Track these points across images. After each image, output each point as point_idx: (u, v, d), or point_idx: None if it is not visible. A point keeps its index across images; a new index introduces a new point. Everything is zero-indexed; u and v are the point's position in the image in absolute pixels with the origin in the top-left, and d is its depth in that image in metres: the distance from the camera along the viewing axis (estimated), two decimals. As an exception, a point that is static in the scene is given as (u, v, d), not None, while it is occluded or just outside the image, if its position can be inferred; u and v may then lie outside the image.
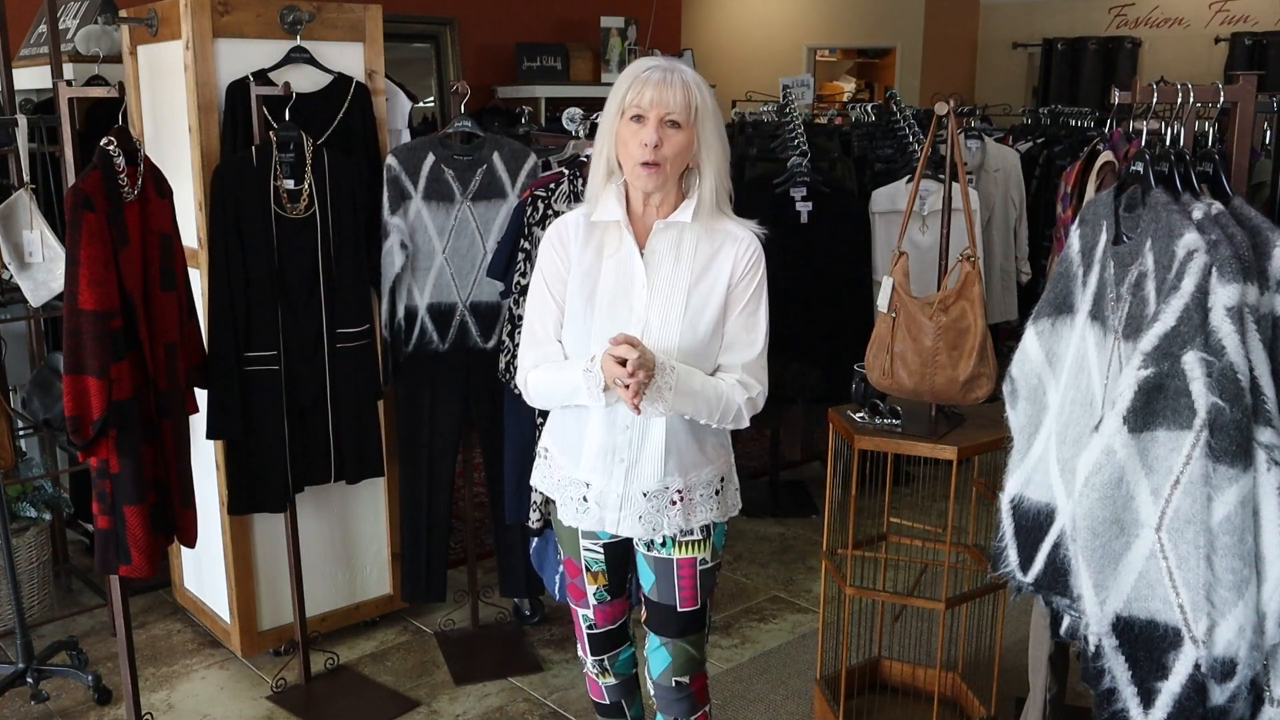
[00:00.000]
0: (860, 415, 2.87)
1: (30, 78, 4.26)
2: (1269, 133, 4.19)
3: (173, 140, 3.20)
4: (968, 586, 3.01)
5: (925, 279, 3.65)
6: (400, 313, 3.26)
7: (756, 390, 2.10)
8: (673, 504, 2.12)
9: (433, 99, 7.58)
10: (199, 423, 2.99)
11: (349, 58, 3.30)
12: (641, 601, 2.32)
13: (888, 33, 9.19)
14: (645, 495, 2.11)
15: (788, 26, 9.55)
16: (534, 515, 3.07)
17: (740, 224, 2.12)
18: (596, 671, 2.40)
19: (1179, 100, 2.10)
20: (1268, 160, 4.18)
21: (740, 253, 2.09)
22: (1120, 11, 8.70)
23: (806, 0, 9.50)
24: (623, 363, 1.92)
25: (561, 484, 2.20)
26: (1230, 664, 1.61)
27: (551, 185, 3.05)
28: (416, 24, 7.28)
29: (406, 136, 3.77)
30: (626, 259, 2.09)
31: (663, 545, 2.18)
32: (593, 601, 2.31)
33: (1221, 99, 2.16)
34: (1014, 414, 2.03)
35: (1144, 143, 2.03)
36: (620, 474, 2.11)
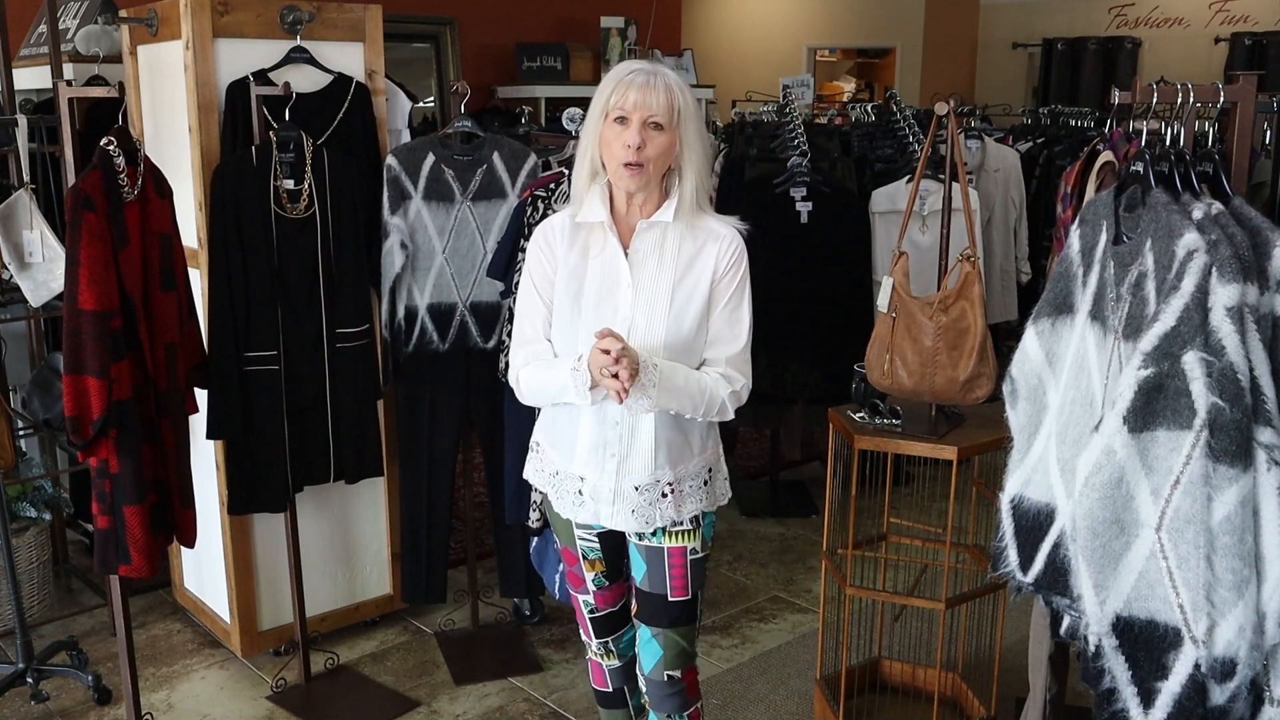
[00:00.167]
0: (860, 415, 2.87)
1: (30, 78, 4.26)
2: (1269, 133, 4.19)
3: (173, 140, 3.20)
4: (968, 586, 3.01)
5: (925, 279, 3.65)
6: (400, 313, 3.26)
7: (740, 383, 2.15)
8: (664, 496, 2.17)
9: (433, 99, 7.58)
10: (199, 423, 2.99)
11: (349, 58, 3.31)
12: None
13: (888, 33, 9.19)
14: (637, 489, 2.16)
15: (788, 26, 9.55)
16: (534, 515, 3.07)
17: (721, 221, 2.17)
18: (601, 654, 2.43)
19: (1179, 100, 2.10)
20: (1268, 160, 4.19)
21: (722, 250, 2.14)
22: (1120, 11, 8.70)
23: (806, 0, 9.50)
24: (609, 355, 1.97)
25: (557, 477, 2.25)
26: (1230, 664, 1.61)
27: (551, 185, 3.05)
28: (416, 24, 7.28)
29: (406, 136, 3.77)
30: (611, 259, 2.14)
31: (653, 534, 2.23)
32: (592, 587, 2.35)
33: (1221, 99, 2.16)
34: (1014, 414, 2.03)
35: (1144, 143, 2.02)
36: (612, 469, 2.16)
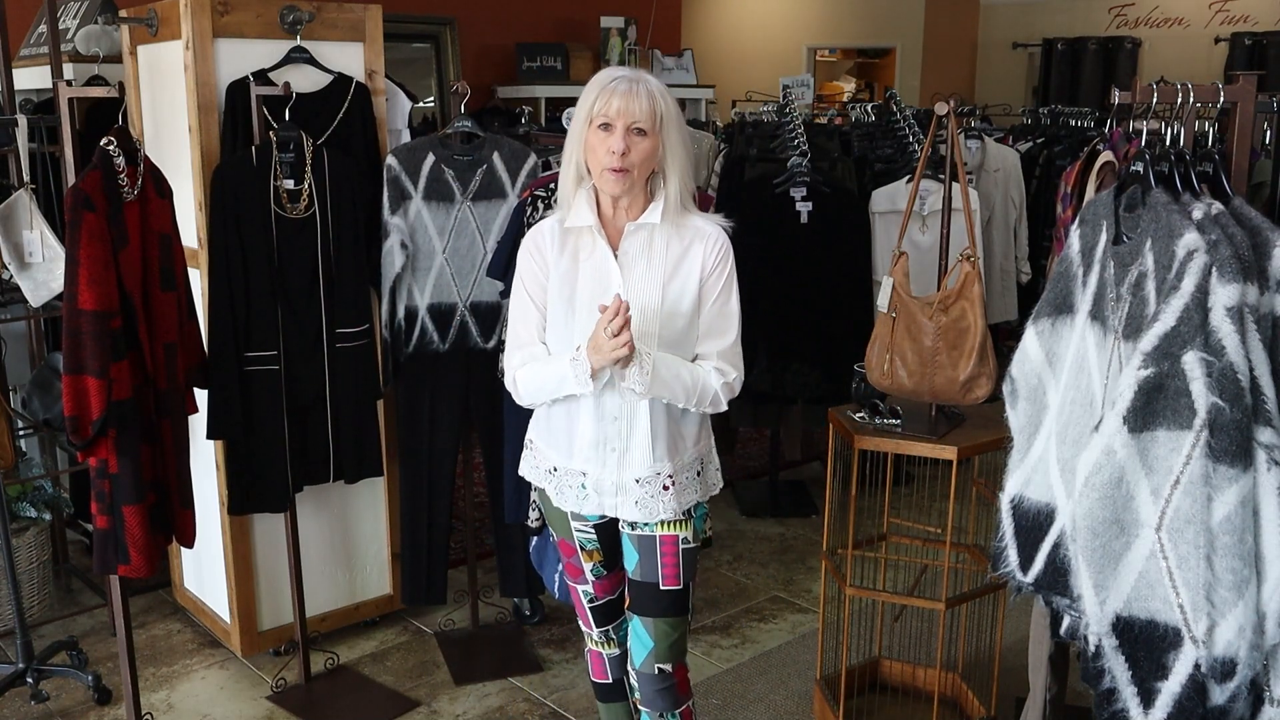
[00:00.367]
0: (860, 415, 2.87)
1: (30, 78, 4.25)
2: (1269, 133, 4.19)
3: (173, 140, 3.20)
4: (968, 586, 3.01)
5: (925, 279, 3.65)
6: (400, 313, 3.26)
7: (733, 375, 2.19)
8: (665, 489, 2.20)
9: (433, 99, 7.58)
10: (199, 423, 2.99)
11: (349, 58, 3.31)
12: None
13: (888, 33, 9.19)
14: (638, 481, 2.19)
15: (788, 26, 9.54)
16: (533, 514, 3.07)
17: (706, 219, 2.21)
18: (601, 643, 2.45)
19: (1179, 100, 2.10)
20: (1268, 160, 4.18)
21: (709, 248, 2.18)
22: (1120, 11, 8.70)
23: (806, 0, 9.50)
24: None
25: (555, 473, 2.28)
26: (1230, 664, 1.61)
27: (551, 185, 3.04)
28: (416, 24, 7.29)
29: (406, 136, 3.77)
30: (601, 262, 2.18)
31: (645, 524, 2.25)
32: (590, 577, 2.38)
33: (1221, 99, 2.16)
34: (1014, 414, 2.03)
35: (1144, 143, 2.02)
36: (614, 462, 2.20)
